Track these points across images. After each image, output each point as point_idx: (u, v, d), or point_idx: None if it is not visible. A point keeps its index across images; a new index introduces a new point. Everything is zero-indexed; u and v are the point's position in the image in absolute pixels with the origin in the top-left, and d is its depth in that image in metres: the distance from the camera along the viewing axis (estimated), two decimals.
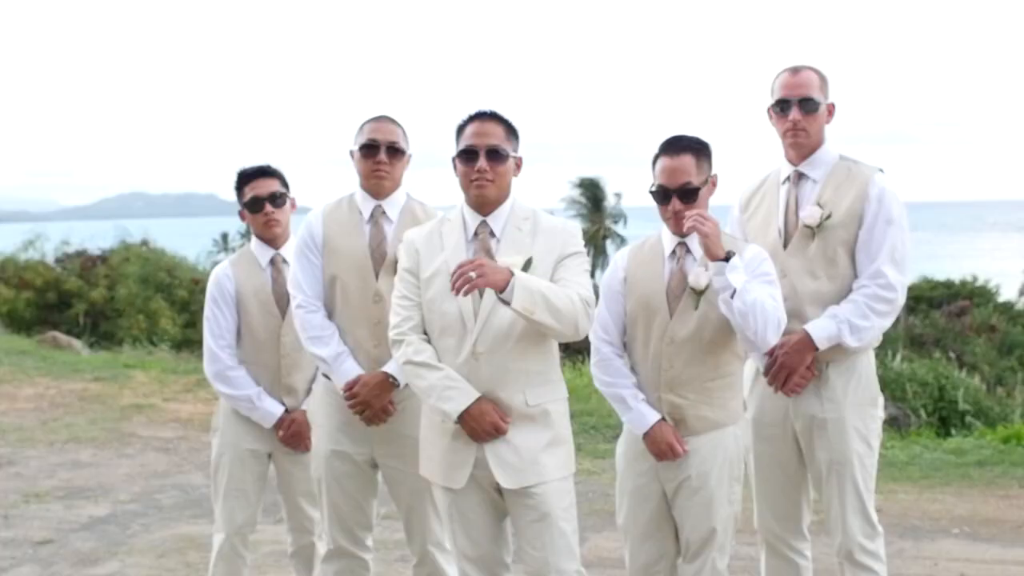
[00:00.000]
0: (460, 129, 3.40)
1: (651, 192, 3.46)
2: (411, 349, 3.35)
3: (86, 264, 22.15)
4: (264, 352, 4.03)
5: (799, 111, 3.68)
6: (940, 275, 31.96)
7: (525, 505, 3.30)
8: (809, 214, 3.69)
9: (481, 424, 3.25)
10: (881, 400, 3.80)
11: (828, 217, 3.67)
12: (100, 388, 10.82)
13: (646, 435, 3.47)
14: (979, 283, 30.38)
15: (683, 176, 3.39)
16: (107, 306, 20.45)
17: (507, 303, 3.12)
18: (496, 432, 3.26)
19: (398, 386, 3.66)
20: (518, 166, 3.43)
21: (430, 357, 3.33)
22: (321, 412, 3.83)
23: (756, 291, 3.29)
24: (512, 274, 3.13)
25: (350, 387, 3.67)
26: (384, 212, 3.82)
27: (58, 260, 22.85)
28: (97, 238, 24.51)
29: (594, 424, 8.81)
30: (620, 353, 3.60)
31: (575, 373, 10.76)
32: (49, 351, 13.60)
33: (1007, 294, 31.96)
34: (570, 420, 3.47)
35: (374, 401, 3.66)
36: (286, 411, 4.05)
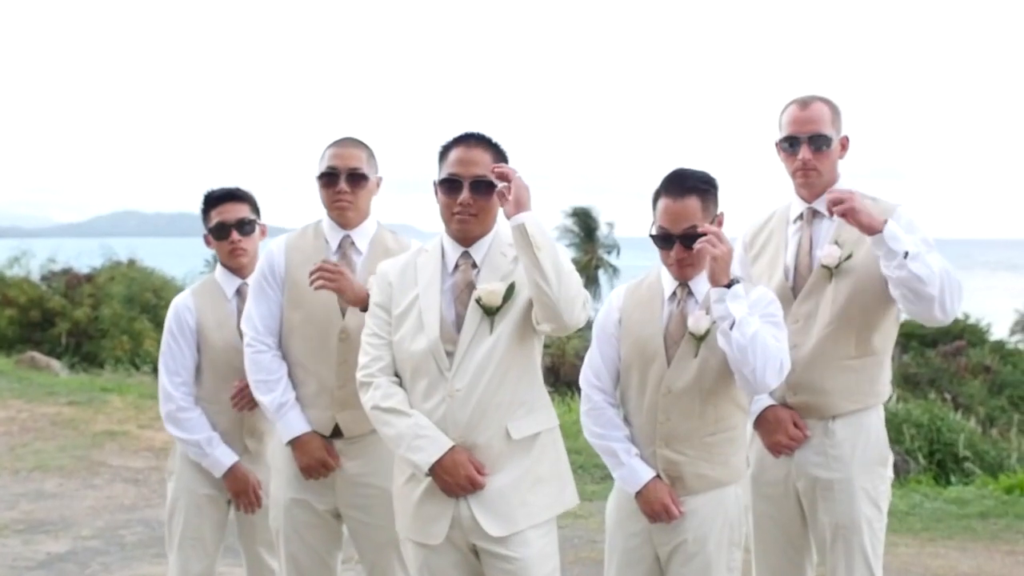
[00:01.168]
0: (444, 152, 3.11)
1: (651, 235, 3.17)
2: (379, 393, 3.06)
3: (71, 282, 21.90)
4: (226, 390, 3.73)
5: (809, 149, 3.41)
6: None
7: (503, 570, 3.00)
8: (827, 254, 3.40)
9: (455, 477, 2.96)
10: (891, 459, 3.52)
11: (848, 257, 3.38)
12: (74, 412, 10.49)
13: (639, 494, 3.17)
14: (970, 321, 30.26)
15: (687, 220, 3.10)
16: (91, 326, 20.12)
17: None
18: (472, 486, 2.97)
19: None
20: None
21: (399, 402, 3.05)
22: (281, 457, 3.55)
23: (758, 326, 3.01)
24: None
25: (292, 444, 3.45)
26: (353, 243, 3.56)
27: (43, 278, 22.64)
28: (84, 256, 24.28)
29: (582, 463, 8.47)
30: (613, 402, 3.31)
31: (564, 408, 10.45)
32: (26, 372, 13.31)
33: (998, 332, 31.91)
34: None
35: (313, 454, 3.45)
36: (239, 461, 3.76)
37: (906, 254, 3.16)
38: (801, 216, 3.52)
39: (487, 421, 3.00)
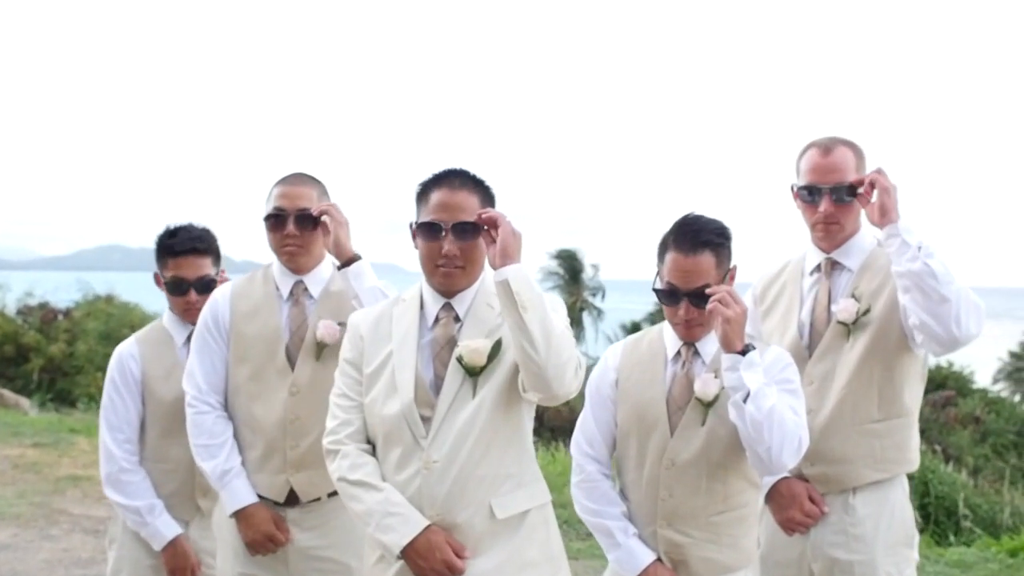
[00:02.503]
0: (424, 193, 2.75)
1: (656, 290, 2.85)
2: (346, 463, 2.70)
3: (47, 317, 21.61)
4: (176, 447, 3.36)
5: (831, 201, 3.10)
6: None
7: None
8: (843, 308, 3.08)
9: (430, 561, 2.59)
10: (917, 538, 3.17)
11: (866, 312, 3.06)
12: (38, 455, 10.06)
13: None
14: (955, 368, 30.09)
15: (699, 278, 2.76)
16: (65, 362, 19.72)
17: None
18: (450, 571, 2.60)
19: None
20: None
21: (369, 474, 2.68)
22: (227, 527, 3.20)
23: (775, 398, 2.67)
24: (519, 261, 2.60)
25: (237, 516, 3.12)
26: (306, 288, 3.23)
27: (19, 312, 22.30)
28: (62, 290, 23.96)
29: (567, 518, 8.06)
30: (608, 473, 2.96)
31: (548, 459, 10.06)
32: None
33: (981, 380, 31.79)
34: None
35: (260, 527, 3.13)
36: (182, 535, 3.41)
37: (920, 247, 2.90)
38: (819, 268, 3.21)
39: (468, 497, 2.63)
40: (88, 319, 20.53)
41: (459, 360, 2.66)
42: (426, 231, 2.70)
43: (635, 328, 39.48)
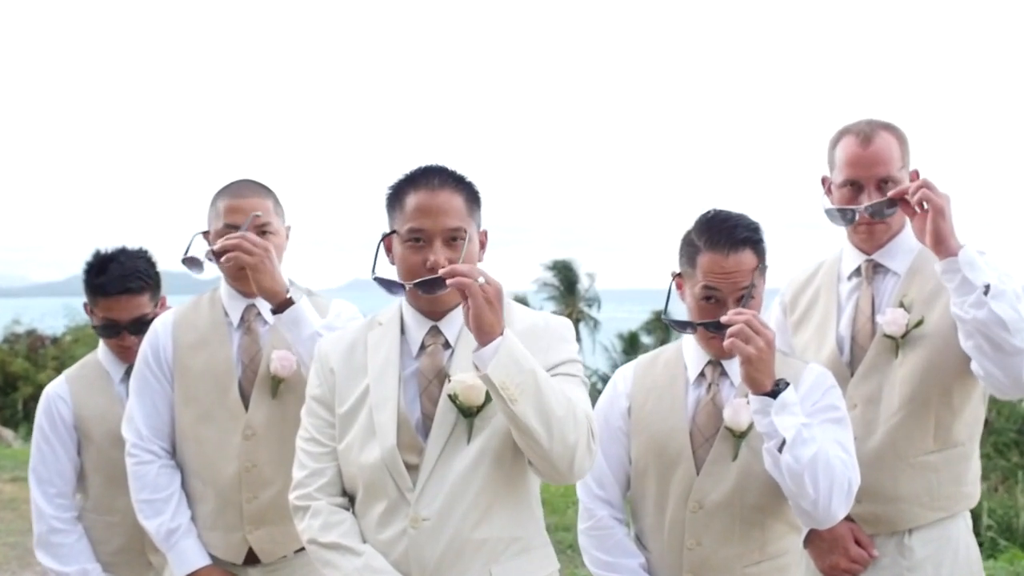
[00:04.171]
0: (397, 196, 2.31)
1: (695, 299, 2.43)
2: (318, 523, 2.26)
3: (34, 345, 21.39)
4: (123, 497, 2.92)
5: (878, 199, 2.66)
6: None
7: None
8: (891, 320, 2.64)
9: None
10: None
11: (919, 324, 2.64)
12: (16, 491, 9.67)
13: None
14: None
15: (743, 279, 2.36)
16: None
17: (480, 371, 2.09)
18: None
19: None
20: (483, 245, 2.36)
21: (344, 534, 2.24)
22: None
23: (818, 441, 2.25)
24: (501, 331, 2.07)
25: None
26: (259, 313, 2.82)
27: (7, 340, 22.14)
28: (49, 317, 23.73)
29: (571, 543, 7.62)
30: (622, 518, 2.53)
31: None
32: None
33: None
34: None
35: None
36: None
37: (987, 288, 2.44)
38: (858, 271, 2.78)
39: (465, 563, 2.19)
40: (76, 345, 20.25)
41: (453, 399, 2.22)
42: (405, 240, 2.27)
43: (632, 338, 39.13)
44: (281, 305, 2.65)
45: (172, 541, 2.73)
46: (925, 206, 2.53)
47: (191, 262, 2.76)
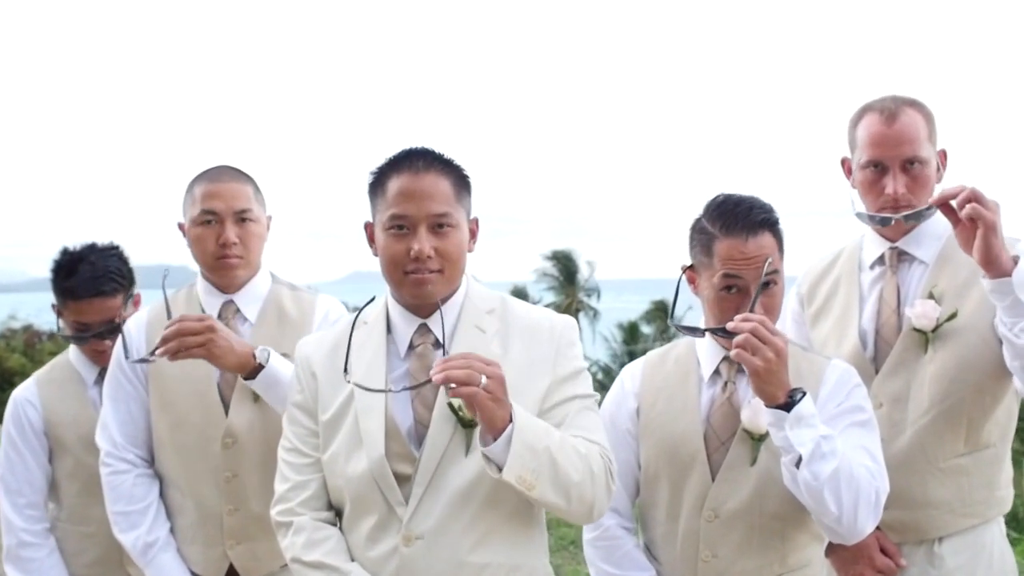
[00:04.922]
0: (380, 181, 2.13)
1: (712, 294, 2.24)
2: (301, 540, 2.09)
3: (31, 340, 21.22)
4: (99, 506, 2.75)
5: (904, 180, 2.48)
6: None
7: None
8: (921, 312, 2.46)
9: None
10: None
11: (952, 317, 2.45)
12: None
13: None
14: None
15: (767, 265, 2.18)
16: None
17: (493, 465, 1.91)
18: None
19: None
20: (474, 234, 2.18)
21: (329, 552, 2.07)
22: None
23: (838, 455, 2.07)
24: (511, 415, 1.89)
25: None
26: (238, 310, 2.66)
27: (2, 335, 22.00)
28: (45, 312, 23.62)
29: (573, 539, 7.47)
30: (630, 527, 2.36)
31: None
32: None
33: None
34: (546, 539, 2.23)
35: None
36: None
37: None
38: (882, 260, 2.59)
39: None
40: None
41: (455, 410, 2.05)
42: (387, 228, 2.09)
43: (632, 328, 38.86)
44: (252, 372, 2.43)
45: (149, 556, 2.57)
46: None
47: (142, 362, 2.53)
